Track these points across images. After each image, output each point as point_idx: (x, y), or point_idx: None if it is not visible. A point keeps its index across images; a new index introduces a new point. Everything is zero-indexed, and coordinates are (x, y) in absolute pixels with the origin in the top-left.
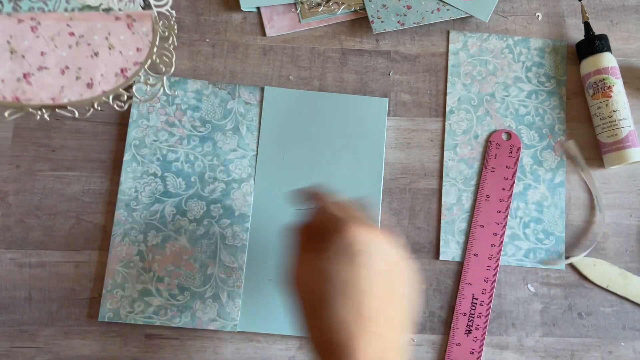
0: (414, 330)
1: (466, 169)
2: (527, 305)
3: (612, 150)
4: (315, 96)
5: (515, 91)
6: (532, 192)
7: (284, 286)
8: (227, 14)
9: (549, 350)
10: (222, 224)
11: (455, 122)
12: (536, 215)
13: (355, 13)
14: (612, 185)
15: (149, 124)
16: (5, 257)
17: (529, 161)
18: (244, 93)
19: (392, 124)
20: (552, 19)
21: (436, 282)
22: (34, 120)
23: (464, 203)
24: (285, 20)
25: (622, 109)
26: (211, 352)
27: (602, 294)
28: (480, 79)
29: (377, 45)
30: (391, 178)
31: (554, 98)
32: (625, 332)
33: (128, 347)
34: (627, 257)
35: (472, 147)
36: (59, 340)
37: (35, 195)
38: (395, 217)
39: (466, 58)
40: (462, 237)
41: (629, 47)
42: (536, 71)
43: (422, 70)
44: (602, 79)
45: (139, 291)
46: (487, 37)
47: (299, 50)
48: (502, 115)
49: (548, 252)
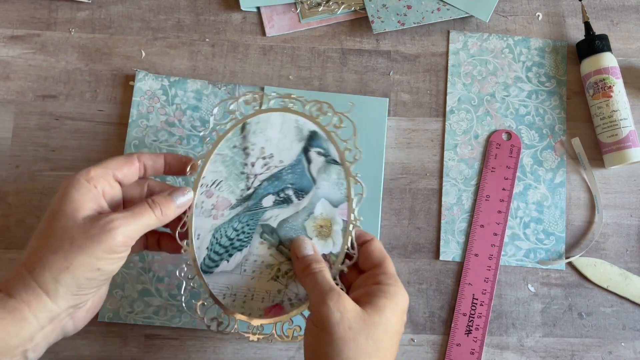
0: (414, 331)
1: (466, 168)
2: (528, 306)
3: (612, 150)
4: (315, 96)
5: (516, 91)
6: (532, 192)
7: None
8: (227, 14)
9: (549, 350)
10: None
11: (455, 122)
12: (536, 215)
13: (355, 13)
14: (612, 185)
15: (149, 124)
16: (5, 257)
17: (529, 161)
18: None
19: (392, 124)
20: (552, 19)
21: (436, 282)
22: (33, 120)
23: (464, 203)
24: (285, 20)
25: (622, 109)
26: (211, 352)
27: (602, 294)
28: (480, 79)
29: (377, 45)
30: (391, 178)
31: (554, 98)
32: (625, 332)
33: (128, 347)
34: (627, 257)
35: (472, 147)
36: (58, 340)
37: (35, 195)
38: (395, 217)
39: (466, 58)
40: (462, 237)
41: (629, 47)
42: (536, 71)
43: (422, 70)
44: (603, 79)
45: (139, 291)
46: (488, 37)
47: (299, 50)
48: (502, 115)
49: (548, 252)
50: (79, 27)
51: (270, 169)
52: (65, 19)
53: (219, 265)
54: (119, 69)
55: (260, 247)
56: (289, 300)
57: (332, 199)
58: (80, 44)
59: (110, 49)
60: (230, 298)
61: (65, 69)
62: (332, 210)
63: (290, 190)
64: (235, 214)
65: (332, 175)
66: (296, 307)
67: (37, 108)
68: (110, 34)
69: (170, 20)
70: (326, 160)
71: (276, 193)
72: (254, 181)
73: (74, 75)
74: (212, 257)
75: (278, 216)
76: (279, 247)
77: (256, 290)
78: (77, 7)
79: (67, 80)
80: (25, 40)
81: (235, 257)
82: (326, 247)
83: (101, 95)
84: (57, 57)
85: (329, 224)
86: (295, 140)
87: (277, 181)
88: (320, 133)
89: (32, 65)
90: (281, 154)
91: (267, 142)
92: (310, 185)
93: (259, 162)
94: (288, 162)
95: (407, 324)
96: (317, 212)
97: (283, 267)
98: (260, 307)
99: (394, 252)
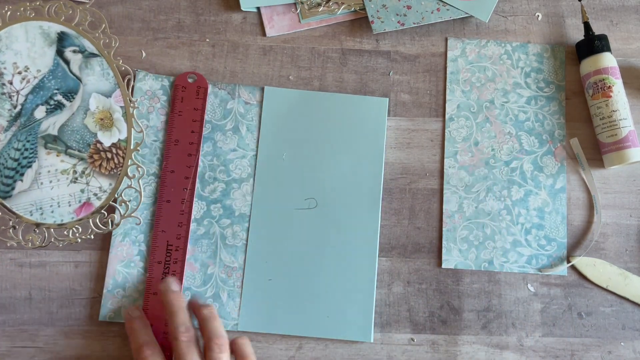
0: (414, 330)
1: (467, 176)
2: (527, 305)
3: (612, 150)
4: (315, 96)
5: (515, 97)
6: (533, 199)
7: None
8: (227, 14)
9: (549, 350)
10: (222, 224)
11: (455, 129)
12: (537, 221)
13: (355, 13)
14: (612, 185)
15: (149, 124)
16: (5, 257)
17: (530, 167)
18: (244, 93)
19: (392, 124)
20: (552, 19)
21: (436, 282)
22: None
23: (465, 210)
24: (285, 20)
25: (622, 109)
26: None
27: (602, 294)
28: (479, 86)
29: (377, 45)
30: (391, 178)
31: (553, 103)
32: (625, 332)
33: (128, 347)
34: (626, 257)
35: (472, 154)
36: (59, 340)
37: None
38: (395, 217)
39: (465, 65)
40: (464, 244)
41: (629, 47)
42: (535, 77)
43: (422, 70)
44: (602, 79)
45: (140, 291)
46: (486, 44)
47: (299, 51)
48: (501, 121)
49: (550, 258)
50: None
51: (31, 81)
52: None
53: (14, 188)
54: (119, 69)
55: (48, 158)
56: (95, 195)
57: (103, 90)
58: None
59: None
60: (38, 212)
61: None
62: (107, 100)
63: (58, 95)
64: (12, 134)
65: (96, 68)
66: (104, 199)
67: None
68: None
69: (170, 20)
70: (84, 55)
71: (45, 102)
72: (18, 98)
73: None
74: (4, 182)
75: (55, 123)
76: (67, 152)
77: (60, 197)
78: None
79: None
80: None
81: (28, 174)
82: (113, 137)
83: None
84: None
85: (108, 114)
86: (45, 46)
87: (42, 91)
88: (69, 32)
89: None
90: (36, 63)
91: (17, 56)
92: (76, 85)
93: (16, 78)
94: (46, 69)
95: (407, 324)
96: (92, 107)
97: (79, 168)
98: (70, 211)
99: (393, 252)
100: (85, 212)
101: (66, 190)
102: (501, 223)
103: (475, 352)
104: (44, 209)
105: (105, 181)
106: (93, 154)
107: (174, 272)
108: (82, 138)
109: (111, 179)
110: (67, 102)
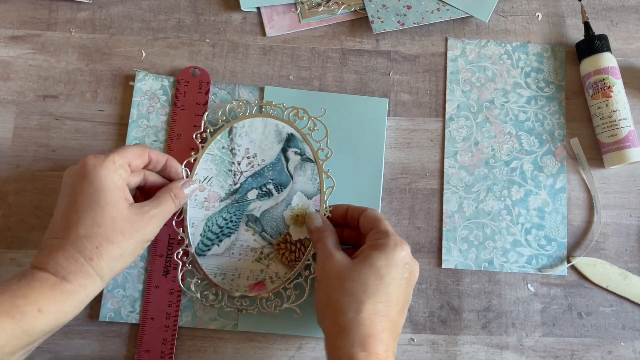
0: (414, 330)
1: (467, 176)
2: (527, 305)
3: (612, 150)
4: (315, 96)
5: (515, 97)
6: (533, 199)
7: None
8: (227, 14)
9: (549, 350)
10: None
11: (455, 129)
12: (538, 221)
13: (355, 13)
14: (612, 185)
15: (149, 124)
16: (5, 257)
17: (530, 167)
18: (244, 93)
19: (392, 124)
20: (552, 19)
21: (436, 282)
22: (34, 120)
23: (465, 210)
24: (285, 20)
25: (622, 109)
26: (211, 352)
27: (602, 294)
28: (479, 86)
29: (377, 45)
30: (391, 178)
31: (553, 103)
32: (625, 332)
33: (128, 347)
34: (626, 257)
35: (472, 154)
36: (58, 340)
37: (36, 196)
38: (395, 217)
39: (465, 65)
40: (465, 244)
41: (629, 47)
42: (535, 77)
43: (422, 70)
44: (602, 79)
45: (140, 291)
46: (486, 44)
47: (299, 50)
48: (502, 121)
49: (550, 258)
50: (79, 27)
51: (254, 166)
52: (65, 19)
53: (210, 249)
54: (119, 69)
55: (245, 234)
56: (270, 278)
57: (307, 192)
58: (81, 44)
59: (111, 49)
60: (220, 276)
61: (65, 69)
62: (307, 201)
63: (271, 185)
64: (224, 205)
65: (307, 172)
66: (276, 284)
67: (37, 108)
68: (111, 34)
69: (170, 20)
70: (302, 158)
71: (259, 187)
72: (240, 177)
73: (75, 76)
74: (205, 242)
75: (261, 207)
76: (261, 234)
77: (242, 270)
78: (77, 7)
79: (67, 81)
80: (25, 41)
81: (225, 242)
82: (302, 234)
83: (101, 96)
84: (57, 57)
85: (304, 213)
86: (275, 141)
87: (259, 177)
88: (296, 135)
89: (33, 66)
90: (263, 153)
91: (251, 143)
92: (288, 181)
93: (244, 161)
94: (269, 160)
95: (407, 324)
96: (294, 203)
97: (265, 251)
98: (245, 284)
99: None
100: (258, 291)
101: (249, 266)
102: (501, 223)
103: (475, 352)
104: (226, 275)
105: (282, 269)
106: (280, 243)
107: (176, 266)
108: (277, 226)
109: (288, 268)
110: (276, 192)
